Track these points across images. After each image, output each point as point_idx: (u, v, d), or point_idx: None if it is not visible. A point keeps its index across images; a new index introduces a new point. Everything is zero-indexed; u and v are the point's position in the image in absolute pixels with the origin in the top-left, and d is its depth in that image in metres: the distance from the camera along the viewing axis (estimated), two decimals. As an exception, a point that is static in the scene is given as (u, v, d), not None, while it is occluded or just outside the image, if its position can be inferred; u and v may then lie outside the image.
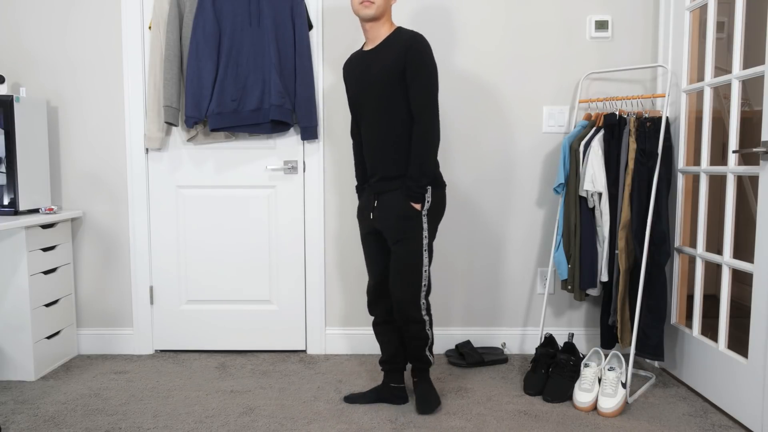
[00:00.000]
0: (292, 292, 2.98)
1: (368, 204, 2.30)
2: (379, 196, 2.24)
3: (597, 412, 2.30)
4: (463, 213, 2.94)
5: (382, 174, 2.21)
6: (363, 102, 2.22)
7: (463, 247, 2.96)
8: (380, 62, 2.15)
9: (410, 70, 2.08)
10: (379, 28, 2.17)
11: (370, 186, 2.29)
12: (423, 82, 2.09)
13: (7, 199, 2.61)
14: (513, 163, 2.92)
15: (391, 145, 2.17)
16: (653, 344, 2.48)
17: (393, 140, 2.17)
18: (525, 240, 2.95)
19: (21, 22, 2.87)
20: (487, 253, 2.96)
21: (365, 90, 2.19)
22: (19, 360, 2.61)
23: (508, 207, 2.94)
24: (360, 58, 2.25)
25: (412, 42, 2.09)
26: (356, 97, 2.26)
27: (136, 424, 2.19)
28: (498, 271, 2.97)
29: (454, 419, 2.24)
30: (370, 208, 2.28)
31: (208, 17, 2.67)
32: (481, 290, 2.98)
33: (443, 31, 2.87)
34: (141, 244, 2.94)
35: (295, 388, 2.54)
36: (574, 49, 2.87)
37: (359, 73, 2.22)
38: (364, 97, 2.21)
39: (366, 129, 2.23)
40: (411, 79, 2.09)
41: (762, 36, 3.54)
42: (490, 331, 3.00)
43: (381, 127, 2.18)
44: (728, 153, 2.30)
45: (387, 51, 2.15)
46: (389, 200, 2.20)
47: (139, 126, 2.89)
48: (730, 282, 2.34)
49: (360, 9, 2.12)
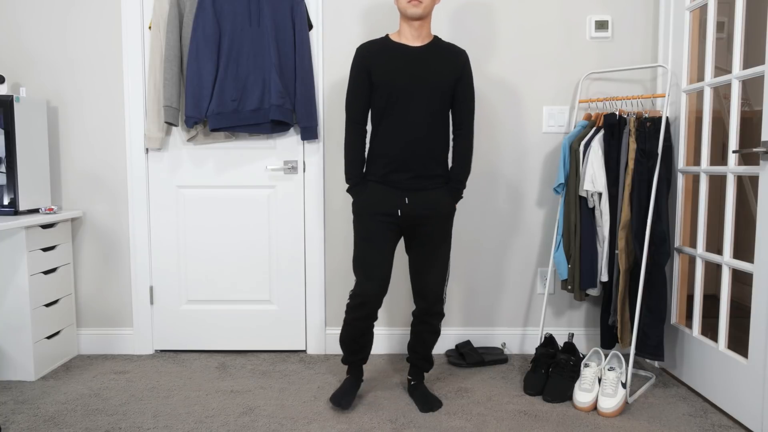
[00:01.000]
0: (292, 292, 2.98)
1: (390, 199, 2.20)
2: (412, 192, 2.21)
3: (597, 412, 2.30)
4: (462, 213, 2.94)
5: (419, 172, 2.20)
6: (410, 94, 2.16)
7: (463, 246, 2.96)
8: (436, 63, 2.19)
9: (464, 82, 2.24)
10: (426, 28, 2.21)
11: (392, 181, 2.21)
12: (472, 95, 2.28)
13: (7, 199, 2.61)
14: (513, 163, 2.92)
15: (437, 145, 2.21)
16: (653, 344, 2.48)
17: (439, 140, 2.22)
18: (525, 240, 2.95)
19: (21, 22, 2.87)
20: (487, 253, 2.96)
21: (418, 83, 2.16)
22: (19, 360, 2.61)
23: (508, 207, 2.94)
24: (403, 50, 2.20)
25: (465, 55, 2.26)
26: (398, 87, 2.16)
27: (136, 424, 2.19)
28: (498, 271, 2.97)
29: (454, 419, 2.24)
30: (397, 205, 2.20)
31: (208, 17, 2.67)
32: (481, 290, 2.98)
33: (444, 31, 2.87)
34: (141, 244, 2.94)
35: (295, 388, 2.54)
36: (574, 49, 2.87)
37: (407, 65, 2.17)
38: (413, 89, 2.16)
39: (406, 123, 2.17)
40: (464, 90, 2.25)
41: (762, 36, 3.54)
42: (490, 331, 3.00)
43: (430, 126, 2.19)
44: (728, 153, 2.30)
45: (440, 55, 2.21)
46: (432, 198, 2.22)
47: (139, 126, 2.89)
48: (730, 282, 2.34)
49: (408, 8, 2.13)
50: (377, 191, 2.23)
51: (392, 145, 2.19)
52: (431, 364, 2.40)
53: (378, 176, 2.23)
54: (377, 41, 2.25)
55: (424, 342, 2.35)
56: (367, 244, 2.21)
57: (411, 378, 2.42)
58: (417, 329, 2.35)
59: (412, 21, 2.18)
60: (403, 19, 2.21)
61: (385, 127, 2.21)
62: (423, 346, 2.35)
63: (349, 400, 2.31)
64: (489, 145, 2.91)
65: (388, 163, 2.20)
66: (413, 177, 2.20)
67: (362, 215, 2.23)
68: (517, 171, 2.92)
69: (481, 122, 2.91)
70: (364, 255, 2.21)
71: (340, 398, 2.30)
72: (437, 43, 2.25)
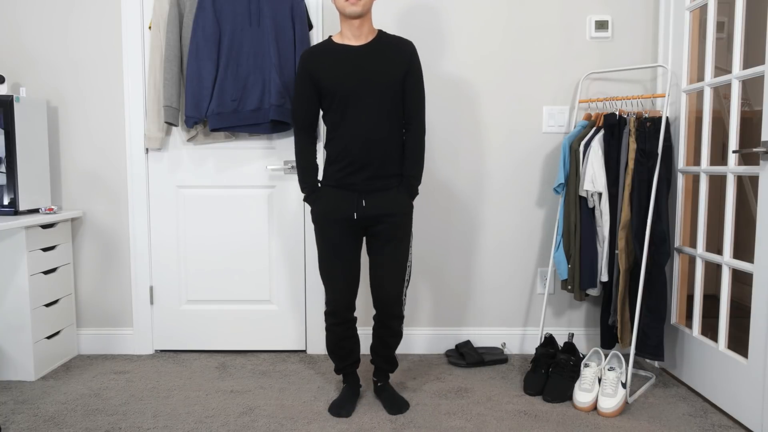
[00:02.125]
0: (292, 292, 2.98)
1: (346, 203, 2.18)
2: (368, 194, 2.18)
3: (597, 412, 2.30)
4: (463, 213, 2.94)
5: (375, 172, 2.17)
6: (360, 95, 2.14)
7: (463, 247, 2.96)
8: (381, 61, 2.15)
9: (412, 75, 2.21)
10: (366, 26, 2.17)
11: (349, 184, 2.18)
12: (421, 87, 2.24)
13: (7, 199, 2.61)
14: (513, 163, 2.92)
15: (391, 144, 2.18)
16: (653, 344, 2.48)
17: (393, 139, 2.19)
18: (525, 240, 2.95)
19: (21, 22, 2.87)
20: (487, 253, 2.96)
21: (363, 84, 2.13)
22: (19, 360, 2.61)
23: (508, 207, 2.94)
24: (345, 51, 2.16)
25: (411, 47, 2.22)
26: (347, 89, 2.14)
27: (136, 424, 2.19)
28: (498, 271, 2.97)
29: (454, 419, 2.24)
30: (354, 208, 2.18)
31: (208, 17, 2.67)
32: (481, 290, 2.98)
33: (444, 31, 2.87)
34: (141, 244, 2.94)
35: (295, 388, 2.54)
36: (574, 49, 2.87)
37: (352, 66, 2.15)
38: (362, 89, 2.14)
39: (358, 124, 2.14)
40: (412, 82, 2.21)
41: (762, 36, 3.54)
42: (490, 331, 3.00)
43: (384, 125, 2.16)
44: (728, 153, 2.30)
45: (385, 51, 2.16)
46: (390, 198, 2.19)
47: (139, 126, 2.89)
48: (730, 282, 2.34)
49: (346, 6, 2.09)
50: (333, 197, 2.21)
51: (348, 148, 2.16)
52: (395, 366, 2.38)
53: (334, 180, 2.21)
54: (320, 45, 2.21)
55: (385, 345, 2.31)
56: (328, 254, 2.22)
57: (377, 380, 2.40)
58: (378, 333, 2.31)
59: (352, 20, 2.14)
60: (343, 19, 2.16)
61: (339, 131, 2.18)
62: (385, 349, 2.32)
63: (349, 410, 2.28)
64: (489, 145, 2.91)
65: (345, 166, 2.17)
66: (370, 178, 2.18)
67: (320, 223, 2.22)
68: (517, 171, 2.92)
69: (480, 122, 2.91)
70: (327, 265, 2.23)
71: (339, 409, 2.28)
72: (381, 38, 2.20)
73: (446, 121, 2.91)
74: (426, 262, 2.97)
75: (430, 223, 2.95)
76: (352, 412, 2.29)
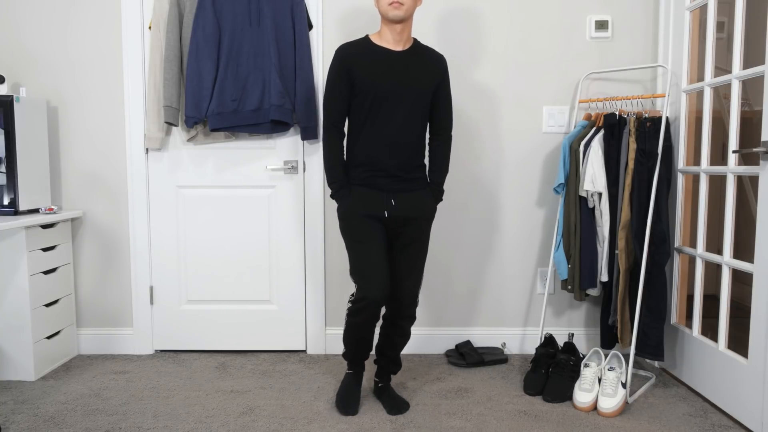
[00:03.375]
0: (292, 292, 2.98)
1: (376, 202, 2.18)
2: (397, 194, 2.20)
3: (597, 412, 2.30)
4: (463, 213, 2.94)
5: (402, 175, 2.19)
6: (394, 98, 2.15)
7: (463, 247, 2.96)
8: (418, 67, 2.19)
9: (444, 85, 2.27)
10: (406, 30, 2.18)
11: (377, 184, 2.19)
12: (450, 99, 2.32)
13: (7, 199, 2.61)
14: (513, 163, 2.92)
15: (418, 147, 2.22)
16: (653, 344, 2.48)
17: (419, 144, 2.23)
18: (525, 240, 2.95)
19: (21, 22, 2.87)
20: (487, 253, 2.96)
21: (401, 87, 2.15)
22: (19, 360, 2.61)
23: (508, 207, 2.94)
24: (385, 54, 2.17)
25: (444, 61, 2.29)
26: (383, 90, 2.14)
27: (136, 424, 2.19)
28: (498, 271, 2.97)
29: (454, 419, 2.24)
30: (384, 207, 2.18)
31: (208, 17, 2.67)
32: (481, 290, 2.98)
33: (444, 31, 2.87)
34: (141, 244, 2.94)
35: (295, 388, 2.54)
36: (574, 49, 2.87)
37: (390, 69, 2.15)
38: (397, 93, 2.15)
39: (390, 126, 2.16)
40: (444, 95, 2.28)
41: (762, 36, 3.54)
42: (490, 331, 3.00)
43: (413, 129, 2.19)
44: (728, 153, 2.30)
45: (422, 58, 2.22)
46: (416, 200, 2.22)
47: (139, 126, 2.89)
48: (730, 282, 2.34)
49: (389, 10, 2.09)
50: (362, 194, 2.19)
51: (376, 149, 2.17)
52: (399, 367, 2.38)
53: (361, 179, 2.20)
54: (358, 42, 2.19)
55: (393, 345, 2.32)
56: (362, 246, 2.15)
57: (378, 380, 2.39)
58: (387, 332, 2.32)
59: (394, 24, 2.14)
60: (385, 22, 2.16)
61: (368, 131, 2.18)
62: (392, 350, 2.32)
63: (356, 406, 2.29)
64: (488, 145, 2.91)
65: (373, 166, 2.18)
66: (397, 180, 2.20)
67: (351, 219, 2.18)
68: (517, 171, 2.92)
69: (481, 122, 2.91)
70: (362, 258, 2.14)
71: (347, 404, 2.27)
72: (418, 46, 2.24)
73: (446, 121, 2.90)
74: (426, 262, 2.97)
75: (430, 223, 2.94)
76: (357, 409, 2.29)
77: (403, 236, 2.23)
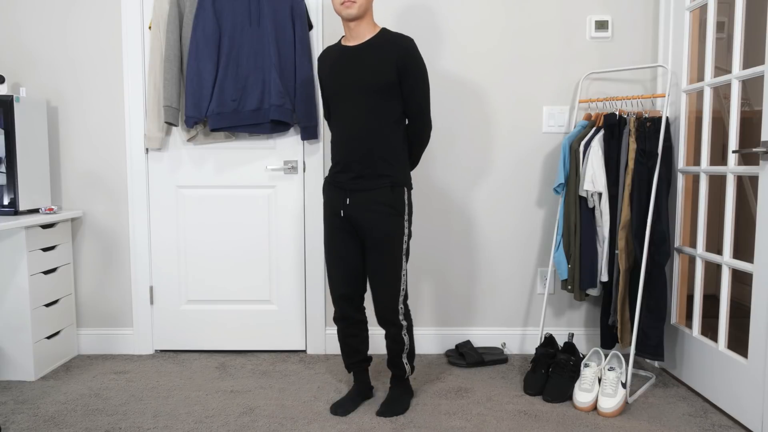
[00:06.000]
0: (292, 292, 2.98)
1: (336, 199, 2.20)
2: (353, 193, 2.17)
3: (597, 412, 2.30)
4: (463, 213, 2.94)
5: (360, 172, 2.15)
6: (344, 95, 2.16)
7: (463, 247, 2.96)
8: (370, 61, 2.13)
9: (409, 74, 2.15)
10: (362, 27, 2.17)
11: (338, 182, 2.20)
12: (420, 86, 2.18)
13: (7, 199, 2.61)
14: (513, 163, 2.92)
15: (379, 144, 2.15)
16: (653, 344, 2.48)
17: (382, 140, 2.15)
18: (525, 240, 2.95)
19: (21, 22, 2.87)
20: (487, 253, 2.96)
21: (349, 85, 2.15)
22: (19, 360, 2.61)
23: (508, 207, 2.94)
24: (340, 52, 2.20)
25: (407, 46, 2.15)
26: (334, 90, 2.19)
27: (136, 424, 2.19)
28: (498, 271, 2.97)
29: (454, 419, 2.24)
30: (341, 205, 2.19)
31: (208, 17, 2.67)
32: (481, 290, 2.98)
33: (444, 31, 2.87)
34: (141, 244, 2.94)
35: (295, 388, 2.54)
36: (574, 49, 2.87)
37: (339, 68, 2.18)
38: (346, 90, 2.16)
39: (346, 125, 2.17)
40: (411, 82, 2.16)
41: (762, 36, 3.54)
42: (490, 331, 3.00)
43: (371, 123, 2.14)
44: (728, 153, 2.30)
45: (377, 51, 2.14)
46: (373, 199, 2.15)
47: (139, 126, 2.89)
48: (730, 282, 2.34)
49: (342, 9, 2.11)
50: (329, 192, 2.25)
51: (337, 147, 2.21)
52: (404, 372, 2.32)
53: (330, 178, 2.25)
54: (331, 46, 2.29)
55: (390, 350, 2.29)
56: (327, 245, 2.27)
57: (390, 382, 2.41)
58: (385, 337, 2.30)
59: (348, 22, 2.15)
60: (342, 21, 2.18)
61: (333, 130, 2.24)
62: (391, 354, 2.30)
63: (347, 409, 2.28)
64: (489, 145, 2.91)
65: (336, 164, 2.22)
66: (354, 177, 2.17)
67: (324, 218, 2.28)
68: (517, 171, 2.92)
69: (481, 122, 2.91)
70: (327, 257, 2.28)
71: (338, 407, 2.28)
72: (379, 38, 2.16)
73: (446, 122, 2.90)
74: (426, 262, 2.97)
75: (430, 223, 2.95)
76: (350, 412, 2.29)
77: (367, 238, 2.18)
